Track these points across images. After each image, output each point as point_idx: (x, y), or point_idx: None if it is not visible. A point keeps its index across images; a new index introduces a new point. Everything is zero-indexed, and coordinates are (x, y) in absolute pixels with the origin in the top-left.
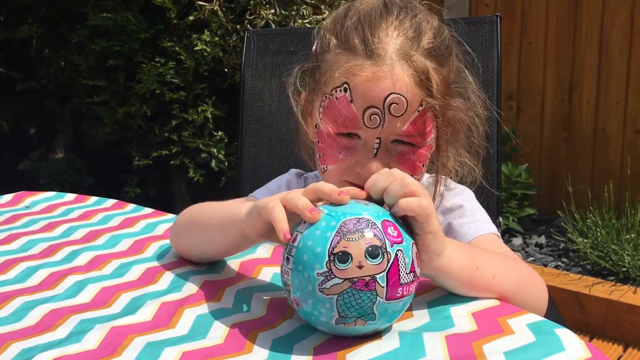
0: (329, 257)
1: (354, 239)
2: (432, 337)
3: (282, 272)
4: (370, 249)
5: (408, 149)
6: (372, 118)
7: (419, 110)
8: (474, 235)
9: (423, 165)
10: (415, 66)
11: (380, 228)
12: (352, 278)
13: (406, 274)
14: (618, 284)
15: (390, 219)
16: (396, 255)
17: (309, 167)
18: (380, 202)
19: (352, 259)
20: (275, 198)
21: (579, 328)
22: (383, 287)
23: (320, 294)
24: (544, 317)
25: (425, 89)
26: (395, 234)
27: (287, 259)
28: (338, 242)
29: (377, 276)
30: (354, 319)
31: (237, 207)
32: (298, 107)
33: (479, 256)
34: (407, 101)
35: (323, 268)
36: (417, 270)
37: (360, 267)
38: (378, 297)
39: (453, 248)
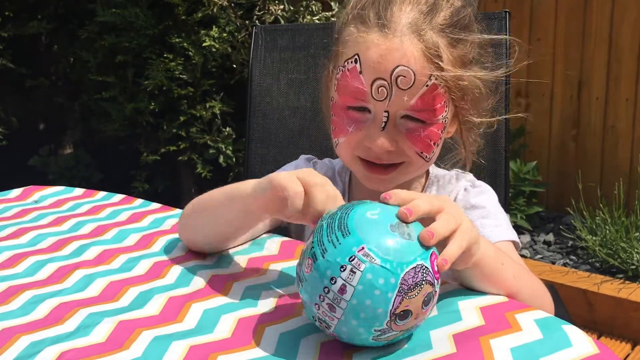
0: (390, 317)
1: (414, 296)
2: (439, 334)
3: (315, 309)
4: (425, 299)
5: (417, 125)
6: (379, 90)
7: (427, 85)
8: (495, 240)
9: (435, 145)
10: (425, 40)
11: (432, 272)
12: (408, 328)
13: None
14: (627, 281)
15: (432, 249)
16: (437, 290)
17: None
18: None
19: (411, 314)
20: (292, 178)
21: (587, 326)
22: (424, 318)
23: (372, 340)
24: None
25: (433, 65)
26: (437, 269)
27: (332, 307)
28: (400, 303)
29: (428, 315)
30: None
31: (243, 183)
32: (323, 84)
33: (502, 253)
34: (414, 74)
35: (383, 326)
36: None
37: (416, 317)
38: (417, 324)
39: (484, 241)
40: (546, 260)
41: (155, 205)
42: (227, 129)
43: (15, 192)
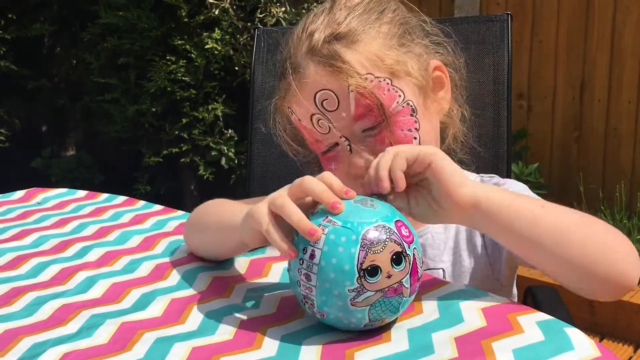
0: (358, 273)
1: (378, 251)
2: (441, 337)
3: (299, 286)
4: (394, 257)
5: (379, 129)
6: (320, 124)
7: (351, 91)
8: None
9: (414, 130)
10: (322, 60)
11: (397, 232)
12: (383, 289)
13: (420, 267)
14: None
15: (398, 216)
16: (414, 254)
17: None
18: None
19: (381, 271)
20: (264, 211)
21: (588, 328)
22: (407, 287)
23: (352, 307)
24: (553, 316)
25: (342, 72)
26: (407, 233)
27: (308, 275)
28: (365, 257)
29: (403, 280)
30: (381, 320)
31: (235, 213)
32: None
33: (519, 195)
34: (333, 92)
35: (354, 284)
36: (422, 257)
37: (389, 276)
38: (404, 298)
39: (482, 185)
40: None
41: (157, 207)
42: (229, 131)
43: (19, 193)
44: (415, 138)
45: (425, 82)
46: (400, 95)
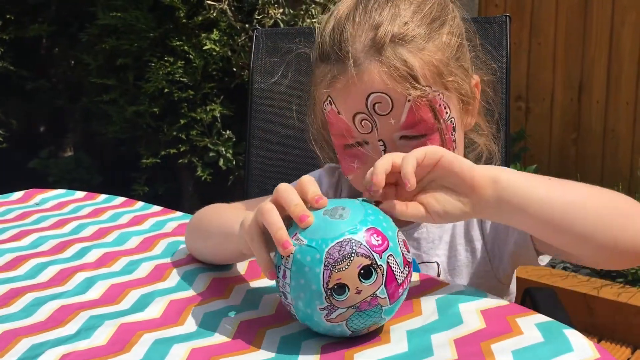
0: (325, 292)
1: (343, 269)
2: (440, 339)
3: (283, 303)
4: (362, 272)
5: (419, 141)
6: (363, 124)
7: (409, 100)
8: None
9: (451, 148)
10: (386, 61)
11: (365, 244)
12: (355, 304)
13: (401, 272)
14: (627, 286)
15: (370, 225)
16: (388, 263)
17: (317, 164)
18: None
19: (348, 288)
20: (251, 222)
21: (587, 330)
22: (385, 297)
23: (328, 323)
24: (552, 318)
25: (405, 81)
26: (379, 241)
27: (284, 294)
28: (330, 277)
29: (377, 292)
30: (366, 328)
31: (236, 221)
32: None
33: (537, 177)
34: (389, 97)
35: (324, 303)
36: (408, 257)
37: (358, 292)
38: (383, 307)
39: (505, 171)
40: (546, 264)
41: (156, 208)
42: (227, 132)
43: (17, 194)
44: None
45: (467, 98)
46: (447, 112)
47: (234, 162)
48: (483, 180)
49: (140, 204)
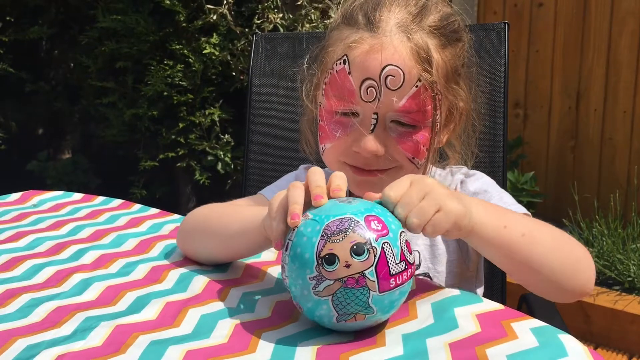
0: (317, 261)
1: (338, 240)
2: (435, 343)
3: (282, 279)
4: (354, 247)
5: (408, 130)
6: (368, 91)
7: (417, 86)
8: None
9: (427, 150)
10: (414, 40)
11: (364, 224)
12: (341, 278)
13: (396, 264)
14: (623, 293)
15: (374, 213)
16: (382, 248)
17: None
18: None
19: (338, 260)
20: (282, 198)
21: (583, 337)
22: (374, 281)
23: (315, 296)
24: (548, 323)
25: (423, 65)
26: (379, 227)
27: (283, 267)
28: (324, 246)
29: (366, 272)
30: (352, 315)
31: (249, 213)
32: (303, 86)
33: (507, 217)
34: (403, 74)
35: (314, 272)
36: (409, 257)
37: (347, 266)
38: (371, 292)
39: (480, 209)
40: None
41: (153, 211)
42: (226, 136)
43: (14, 196)
44: (424, 157)
45: (452, 115)
46: (437, 114)
47: (232, 166)
48: (463, 233)
49: (137, 206)
